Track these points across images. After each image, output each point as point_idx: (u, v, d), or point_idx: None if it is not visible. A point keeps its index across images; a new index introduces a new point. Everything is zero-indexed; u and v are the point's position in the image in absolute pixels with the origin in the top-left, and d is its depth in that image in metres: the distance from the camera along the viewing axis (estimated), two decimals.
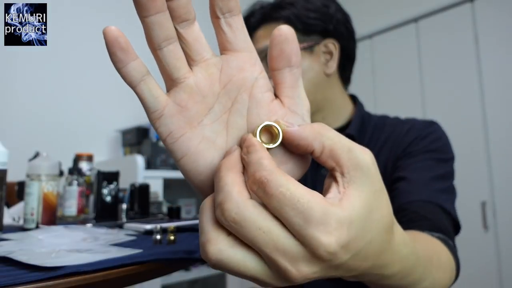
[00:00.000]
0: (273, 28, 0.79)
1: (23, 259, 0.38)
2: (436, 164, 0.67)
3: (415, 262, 0.34)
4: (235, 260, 0.22)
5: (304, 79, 0.76)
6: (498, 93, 1.82)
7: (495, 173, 1.78)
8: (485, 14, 1.89)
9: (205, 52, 0.28)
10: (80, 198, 0.86)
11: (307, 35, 0.78)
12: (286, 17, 0.77)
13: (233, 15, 0.27)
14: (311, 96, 0.75)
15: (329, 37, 0.79)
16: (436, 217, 0.57)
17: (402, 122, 0.78)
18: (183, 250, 0.48)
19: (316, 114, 0.79)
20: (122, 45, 0.26)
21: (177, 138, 0.26)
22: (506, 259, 1.71)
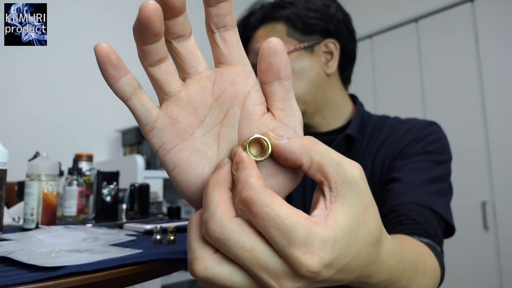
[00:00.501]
0: (273, 27, 0.78)
1: (23, 259, 0.38)
2: (432, 166, 0.67)
3: (402, 271, 0.34)
4: (221, 276, 0.23)
5: (305, 79, 0.76)
6: (498, 93, 1.82)
7: (495, 173, 1.78)
8: (485, 13, 1.89)
9: (199, 65, 0.28)
10: (80, 198, 0.86)
11: (307, 35, 0.78)
12: (287, 17, 0.77)
13: (228, 30, 0.28)
14: (311, 96, 0.77)
15: (330, 37, 0.79)
16: (426, 220, 0.57)
17: (401, 122, 0.77)
18: (183, 250, 0.48)
19: (316, 114, 0.79)
20: (113, 61, 0.26)
21: (169, 150, 0.27)
22: (506, 259, 1.71)
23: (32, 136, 1.51)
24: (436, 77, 2.05)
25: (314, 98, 0.77)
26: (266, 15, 0.79)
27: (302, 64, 0.77)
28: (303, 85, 0.76)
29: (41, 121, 1.55)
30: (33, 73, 1.55)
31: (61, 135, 1.59)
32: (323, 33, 0.78)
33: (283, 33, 0.77)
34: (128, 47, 1.56)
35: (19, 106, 1.50)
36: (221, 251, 0.23)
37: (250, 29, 0.81)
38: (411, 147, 0.70)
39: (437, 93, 2.04)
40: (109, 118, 1.74)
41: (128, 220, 0.81)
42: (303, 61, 0.77)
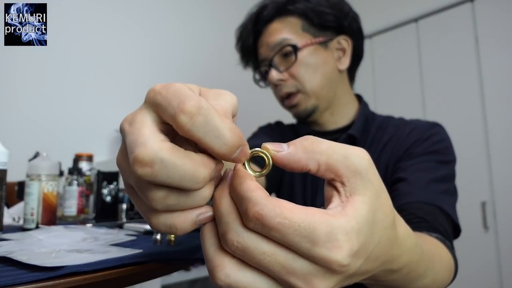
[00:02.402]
0: (288, 21, 0.78)
1: (23, 259, 0.38)
2: (437, 165, 0.67)
3: (420, 255, 0.34)
4: (245, 282, 0.22)
5: (320, 73, 0.77)
6: (498, 93, 1.82)
7: (495, 173, 1.78)
8: (485, 14, 1.89)
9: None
10: (80, 198, 0.86)
11: (321, 31, 0.78)
12: (302, 11, 0.77)
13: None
14: (324, 91, 0.77)
15: (342, 34, 0.80)
16: (434, 218, 0.57)
17: (405, 122, 0.77)
18: (183, 250, 0.48)
19: (326, 110, 0.80)
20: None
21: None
22: (506, 259, 1.71)
23: (32, 136, 1.51)
24: (436, 77, 2.05)
25: (327, 93, 0.78)
26: (280, 9, 0.79)
27: (317, 58, 0.77)
28: (318, 79, 0.76)
29: (41, 121, 1.55)
30: (33, 73, 1.55)
31: (61, 135, 1.59)
32: (336, 30, 0.79)
33: (298, 27, 0.78)
34: (128, 46, 1.55)
35: (19, 106, 1.50)
36: (242, 259, 0.22)
37: (263, 23, 0.81)
38: (416, 147, 0.70)
39: (437, 93, 2.04)
40: (109, 118, 1.74)
41: (128, 220, 0.81)
42: (318, 56, 0.77)
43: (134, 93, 1.83)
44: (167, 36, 1.99)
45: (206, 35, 2.16)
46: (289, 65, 0.76)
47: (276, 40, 0.77)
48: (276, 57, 0.77)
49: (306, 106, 0.77)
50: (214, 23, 2.21)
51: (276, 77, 0.76)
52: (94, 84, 1.72)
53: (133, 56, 1.86)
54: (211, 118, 0.21)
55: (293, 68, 0.75)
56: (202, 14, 2.16)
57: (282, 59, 0.77)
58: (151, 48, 1.92)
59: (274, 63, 0.77)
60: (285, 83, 0.76)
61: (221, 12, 2.25)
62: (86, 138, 1.67)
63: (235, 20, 2.33)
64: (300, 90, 0.76)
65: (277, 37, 0.77)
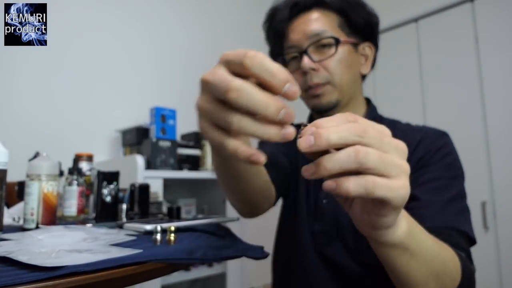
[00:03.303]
0: (327, 14, 0.79)
1: (23, 259, 0.38)
2: (450, 182, 0.70)
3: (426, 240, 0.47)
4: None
5: (351, 71, 0.79)
6: (498, 93, 1.81)
7: (495, 173, 1.78)
8: (485, 13, 1.89)
9: None
10: (80, 198, 0.86)
11: (353, 33, 0.80)
12: (342, 8, 0.79)
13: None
14: (349, 88, 0.80)
15: (368, 41, 0.83)
16: (451, 239, 0.61)
17: (413, 129, 0.80)
18: (183, 250, 0.48)
19: (344, 107, 0.82)
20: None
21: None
22: (506, 259, 1.71)
23: (32, 136, 1.51)
24: (436, 77, 2.05)
25: (349, 91, 0.80)
26: (321, 1, 0.79)
27: (350, 57, 0.79)
28: (348, 76, 0.79)
29: (41, 121, 1.55)
30: (33, 73, 1.55)
31: (61, 135, 1.59)
32: (365, 36, 0.82)
33: (335, 23, 0.79)
34: (128, 47, 1.55)
35: (19, 106, 1.50)
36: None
37: (300, 8, 0.81)
38: (428, 160, 0.72)
39: (437, 93, 2.04)
40: (109, 118, 1.74)
41: (128, 220, 0.81)
42: (351, 55, 0.80)
43: (134, 93, 1.83)
44: (168, 36, 1.99)
45: (207, 33, 2.16)
46: (324, 56, 0.77)
47: (315, 29, 0.77)
48: (311, 47, 0.77)
49: (331, 99, 0.78)
50: (217, 21, 2.21)
51: (309, 65, 0.76)
52: (94, 84, 1.72)
53: (133, 56, 1.86)
54: (265, 60, 0.30)
55: (328, 60, 0.76)
56: (204, 12, 2.16)
57: (316, 50, 0.77)
58: (151, 48, 1.92)
59: (308, 51, 0.77)
60: (316, 73, 0.77)
61: (223, 9, 2.25)
62: (86, 138, 1.67)
63: (237, 18, 2.33)
64: (329, 81, 0.77)
65: (316, 27, 0.77)
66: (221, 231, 0.63)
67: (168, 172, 1.49)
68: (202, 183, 1.82)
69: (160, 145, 1.49)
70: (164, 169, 1.49)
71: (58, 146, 1.52)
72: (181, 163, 1.58)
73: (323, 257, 0.76)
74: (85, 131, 1.67)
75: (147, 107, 1.59)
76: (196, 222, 0.72)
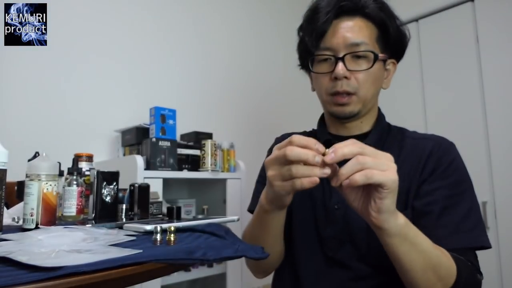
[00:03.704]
0: (369, 26, 0.81)
1: (23, 260, 0.38)
2: (462, 198, 0.74)
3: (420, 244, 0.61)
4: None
5: (376, 85, 0.82)
6: (499, 92, 1.81)
7: (495, 173, 1.78)
8: (486, 13, 1.89)
9: None
10: (80, 198, 0.86)
11: (386, 49, 0.83)
12: (385, 24, 0.81)
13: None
14: (371, 102, 0.83)
15: (393, 58, 0.86)
16: (465, 257, 0.68)
17: (422, 138, 0.83)
18: (183, 250, 0.48)
19: (362, 117, 0.84)
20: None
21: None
22: (506, 259, 1.70)
23: (32, 136, 1.51)
24: (436, 77, 2.05)
25: (370, 102, 0.83)
26: (365, 10, 0.80)
27: (379, 72, 0.82)
28: (373, 90, 0.81)
29: (41, 121, 1.54)
30: (33, 73, 1.55)
31: (60, 135, 1.59)
32: (394, 53, 0.85)
33: (374, 36, 0.81)
34: (128, 46, 1.55)
35: (18, 106, 1.50)
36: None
37: (344, 11, 0.80)
38: (440, 173, 0.75)
39: (437, 93, 2.04)
40: (109, 118, 1.74)
41: (128, 221, 0.80)
42: (380, 70, 0.82)
43: (134, 93, 1.83)
44: (167, 36, 1.99)
45: (207, 33, 2.16)
46: (359, 68, 0.78)
47: (357, 39, 0.78)
48: (348, 55, 0.78)
49: (354, 109, 0.81)
50: (217, 21, 2.21)
51: (343, 73, 0.77)
52: (94, 84, 1.72)
53: (133, 56, 1.86)
54: (297, 150, 0.55)
55: (362, 73, 0.78)
56: (204, 12, 2.16)
57: (351, 58, 0.78)
58: (151, 48, 1.92)
59: (345, 59, 0.78)
60: (347, 81, 0.78)
61: (223, 9, 2.25)
62: (86, 138, 1.67)
63: (236, 18, 2.32)
64: (356, 93, 0.79)
65: (359, 37, 0.78)
66: (221, 231, 0.63)
67: (168, 172, 1.49)
68: (202, 183, 1.82)
69: (159, 145, 1.49)
70: (164, 169, 1.49)
71: (57, 146, 1.52)
72: (181, 163, 1.58)
73: (334, 260, 0.78)
74: (85, 131, 1.67)
75: (147, 107, 1.59)
76: (196, 222, 0.72)
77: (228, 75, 2.24)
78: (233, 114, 2.22)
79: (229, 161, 1.72)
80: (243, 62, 2.32)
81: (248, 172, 1.75)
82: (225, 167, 1.71)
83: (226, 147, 1.73)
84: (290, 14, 2.47)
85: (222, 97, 2.18)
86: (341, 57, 0.78)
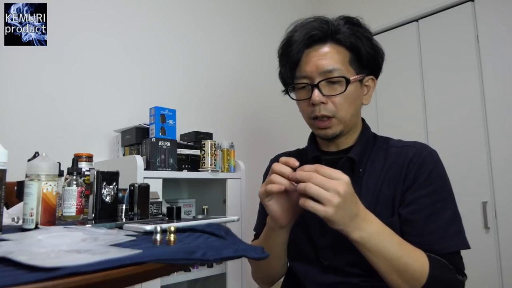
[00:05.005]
0: (339, 50, 0.84)
1: (23, 260, 0.38)
2: (445, 205, 0.78)
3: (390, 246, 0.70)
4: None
5: (354, 104, 0.85)
6: (499, 92, 1.81)
7: (495, 173, 1.78)
8: (486, 13, 1.89)
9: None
10: (80, 198, 0.86)
11: (362, 68, 0.86)
12: (355, 46, 0.84)
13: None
14: (352, 121, 0.86)
15: (372, 74, 0.89)
16: (450, 261, 0.75)
17: (405, 145, 0.86)
18: (183, 251, 0.48)
19: (345, 135, 0.88)
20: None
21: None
22: (507, 259, 1.70)
23: (32, 136, 1.51)
24: (437, 77, 2.05)
25: (351, 121, 0.87)
26: (333, 34, 0.84)
27: (356, 92, 0.85)
28: (351, 110, 0.85)
29: (41, 121, 1.54)
30: (33, 73, 1.55)
31: (60, 135, 1.59)
32: (371, 70, 0.89)
33: (346, 59, 0.84)
34: (128, 46, 1.55)
35: (18, 106, 1.50)
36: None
37: (315, 40, 0.85)
38: (422, 182, 0.79)
39: (437, 93, 2.04)
40: (109, 118, 1.74)
41: (127, 221, 0.80)
42: (357, 91, 0.86)
43: (133, 93, 1.83)
44: (168, 36, 1.99)
45: (207, 34, 2.16)
46: (334, 92, 0.82)
47: (329, 66, 0.82)
48: (323, 82, 0.82)
49: (336, 131, 0.85)
50: (217, 21, 2.21)
51: (318, 99, 0.82)
52: (94, 84, 1.72)
53: (133, 56, 1.85)
54: (277, 178, 0.73)
55: (338, 97, 0.82)
56: (204, 12, 2.16)
57: (326, 84, 0.83)
58: (151, 48, 1.92)
59: (320, 85, 0.82)
60: (324, 106, 0.83)
61: (222, 9, 2.25)
62: (86, 138, 1.67)
63: (236, 18, 2.32)
64: (335, 115, 0.83)
65: (330, 64, 0.82)
66: (221, 231, 0.63)
67: (167, 172, 1.49)
68: (202, 183, 1.82)
69: (159, 145, 1.49)
70: (164, 169, 1.49)
71: (57, 146, 1.52)
72: (181, 163, 1.58)
73: (330, 268, 0.82)
74: (85, 131, 1.67)
75: (147, 107, 1.59)
76: (196, 222, 0.72)
77: (228, 75, 2.24)
78: (233, 114, 2.22)
79: (229, 161, 1.72)
80: (244, 62, 2.32)
81: (248, 172, 1.75)
82: (225, 167, 1.71)
83: (226, 147, 1.73)
84: (293, 15, 2.47)
85: (222, 97, 2.18)
86: (315, 84, 0.82)
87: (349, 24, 0.85)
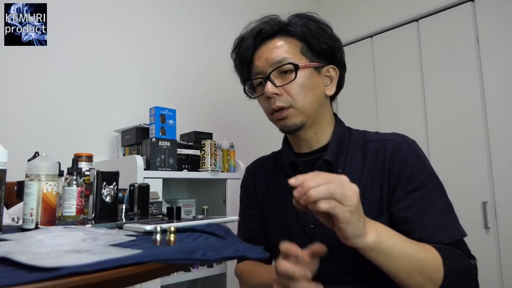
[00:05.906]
0: (290, 40, 0.84)
1: (23, 260, 0.38)
2: (435, 196, 0.76)
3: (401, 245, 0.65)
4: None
5: (312, 94, 0.83)
6: (499, 92, 1.81)
7: (495, 173, 1.78)
8: (486, 13, 1.89)
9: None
10: (80, 198, 0.86)
11: (317, 57, 0.85)
12: (304, 35, 0.84)
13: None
14: (313, 111, 0.84)
15: (332, 64, 0.88)
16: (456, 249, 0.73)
17: (381, 139, 0.84)
18: (183, 251, 0.48)
19: (311, 128, 0.86)
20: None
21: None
22: (507, 259, 1.70)
23: (32, 136, 1.51)
24: (437, 77, 2.05)
25: (314, 113, 0.85)
26: (282, 28, 0.86)
27: (312, 80, 0.84)
28: (310, 99, 0.83)
29: (41, 121, 1.54)
30: (33, 73, 1.55)
31: (60, 135, 1.59)
32: (329, 59, 0.87)
33: (297, 49, 0.84)
34: (128, 47, 1.55)
35: (18, 106, 1.50)
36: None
37: (264, 37, 0.87)
38: (407, 176, 0.77)
39: (437, 92, 2.04)
40: (109, 118, 1.74)
41: (127, 221, 0.80)
42: (313, 78, 0.84)
43: (133, 93, 1.83)
44: (168, 36, 1.99)
45: (207, 34, 2.16)
46: (286, 81, 0.82)
47: (277, 57, 0.82)
48: (274, 73, 0.82)
49: (296, 121, 0.84)
50: (217, 21, 2.21)
51: (271, 91, 0.82)
52: (94, 84, 1.72)
53: (133, 57, 1.85)
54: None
55: (290, 85, 0.82)
56: (204, 12, 2.16)
57: (279, 75, 0.83)
58: (151, 48, 1.92)
59: (271, 77, 0.82)
60: (279, 97, 0.83)
61: (223, 10, 2.25)
62: (86, 138, 1.67)
63: (236, 18, 2.32)
64: (292, 105, 0.82)
65: (278, 54, 0.83)
66: (221, 231, 0.63)
67: (167, 172, 1.49)
68: (202, 183, 1.82)
69: (159, 145, 1.49)
70: (164, 169, 1.49)
71: (57, 146, 1.52)
72: (181, 163, 1.58)
73: (320, 276, 0.79)
74: (84, 131, 1.67)
75: (147, 107, 1.59)
76: (196, 222, 0.72)
77: (228, 75, 2.24)
78: (233, 114, 2.22)
79: (229, 161, 1.72)
80: None
81: None
82: (225, 167, 1.71)
83: (226, 147, 1.73)
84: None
85: (222, 97, 2.18)
86: (267, 76, 0.83)
87: (300, 17, 0.86)
